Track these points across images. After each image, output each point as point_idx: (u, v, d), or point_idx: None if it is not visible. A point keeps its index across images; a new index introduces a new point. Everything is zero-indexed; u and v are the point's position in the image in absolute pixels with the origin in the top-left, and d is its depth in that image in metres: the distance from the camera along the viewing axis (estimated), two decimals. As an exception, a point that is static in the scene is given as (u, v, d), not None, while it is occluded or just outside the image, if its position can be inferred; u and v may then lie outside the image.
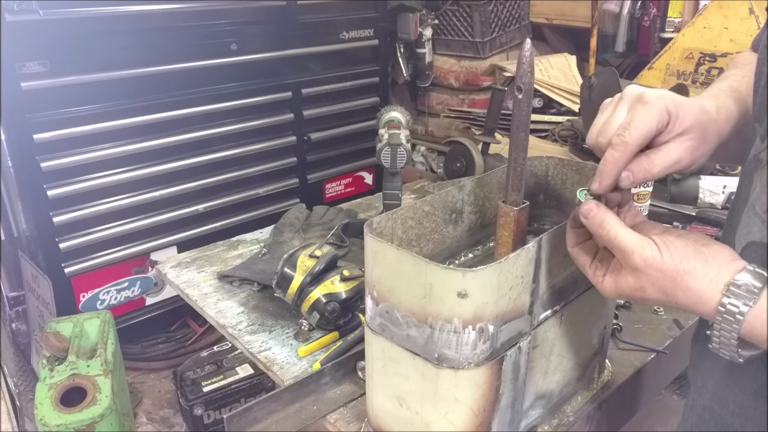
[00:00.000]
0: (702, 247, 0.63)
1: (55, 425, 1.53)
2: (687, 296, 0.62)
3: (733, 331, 0.58)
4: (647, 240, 0.64)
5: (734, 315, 0.58)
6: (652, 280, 0.63)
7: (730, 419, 0.67)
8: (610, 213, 0.67)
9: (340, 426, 0.93)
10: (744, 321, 0.57)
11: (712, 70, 2.36)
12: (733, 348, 0.59)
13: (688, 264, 0.62)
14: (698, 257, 0.62)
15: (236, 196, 2.51)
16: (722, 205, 1.57)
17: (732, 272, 0.60)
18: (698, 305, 0.61)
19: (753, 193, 0.64)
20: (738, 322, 0.58)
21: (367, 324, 0.79)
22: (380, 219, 0.78)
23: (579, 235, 0.73)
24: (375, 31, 2.84)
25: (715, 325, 0.60)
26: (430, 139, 3.44)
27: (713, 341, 0.61)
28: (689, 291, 0.61)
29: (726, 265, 0.61)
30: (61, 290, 2.11)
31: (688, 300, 0.62)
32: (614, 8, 2.92)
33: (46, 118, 1.97)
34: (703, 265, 0.61)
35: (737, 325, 0.58)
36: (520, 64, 0.73)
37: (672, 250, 0.63)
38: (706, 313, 0.61)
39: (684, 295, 0.62)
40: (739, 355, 0.60)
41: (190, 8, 2.23)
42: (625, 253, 0.65)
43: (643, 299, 0.66)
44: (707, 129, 0.68)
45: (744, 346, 0.59)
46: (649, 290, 0.64)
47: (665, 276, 0.62)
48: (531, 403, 0.85)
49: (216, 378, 2.12)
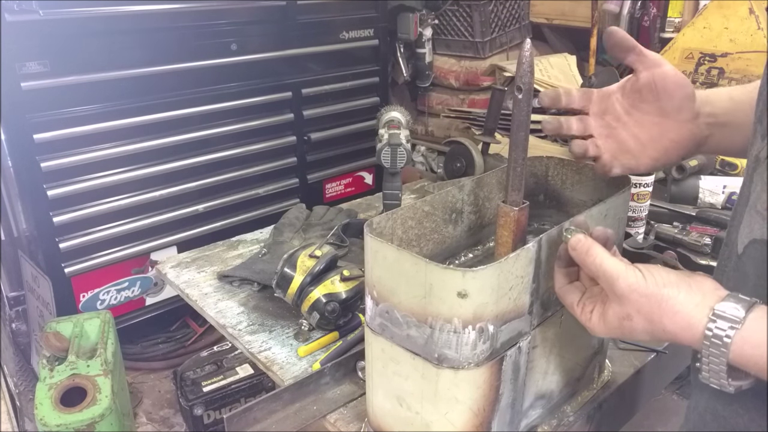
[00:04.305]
0: (686, 277, 0.64)
1: (55, 425, 1.53)
2: (673, 322, 0.62)
3: (722, 355, 0.58)
4: (632, 267, 0.66)
5: (722, 339, 0.58)
6: (637, 306, 0.64)
7: (733, 419, 0.66)
8: (596, 243, 0.69)
9: (340, 426, 0.93)
10: (732, 344, 0.57)
11: (712, 70, 2.35)
12: (723, 375, 0.59)
13: (672, 290, 0.63)
14: (681, 284, 0.63)
15: (236, 196, 2.51)
16: (722, 205, 1.57)
17: (716, 299, 0.60)
18: (685, 331, 0.61)
19: (754, 191, 0.64)
20: (726, 345, 0.57)
21: (367, 324, 0.79)
22: (380, 219, 0.78)
23: (566, 275, 0.75)
24: (375, 31, 2.84)
25: (704, 351, 0.60)
26: (430, 139, 3.44)
27: (702, 371, 0.61)
28: (676, 316, 0.62)
29: (710, 293, 0.61)
30: (61, 290, 2.11)
31: (675, 327, 0.62)
32: (614, 8, 2.92)
33: (46, 118, 1.96)
34: (687, 291, 0.62)
35: (725, 348, 0.58)
36: (520, 64, 0.73)
37: (656, 276, 0.64)
38: (693, 339, 0.61)
39: (670, 322, 0.62)
40: (729, 384, 0.59)
41: (190, 8, 2.23)
42: (610, 279, 0.66)
43: (632, 330, 0.66)
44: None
45: (733, 374, 0.59)
46: (635, 318, 0.65)
47: (650, 301, 0.63)
48: (531, 403, 0.85)
49: (216, 378, 2.12)
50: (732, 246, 0.68)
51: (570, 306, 0.74)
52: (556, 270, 0.76)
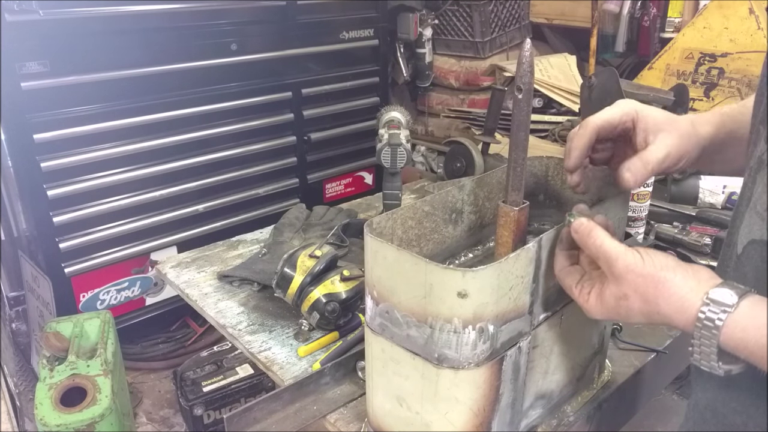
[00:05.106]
0: (684, 264, 0.66)
1: (55, 425, 1.53)
2: (668, 304, 0.64)
3: (713, 338, 0.59)
4: (631, 249, 0.68)
5: (713, 321, 0.59)
6: (634, 286, 0.66)
7: (732, 417, 0.67)
8: (598, 226, 0.71)
9: (340, 426, 0.93)
10: (723, 327, 0.59)
11: (712, 70, 2.36)
12: (714, 358, 0.60)
13: (669, 273, 0.64)
14: (678, 269, 0.65)
15: (236, 196, 2.51)
16: (722, 205, 1.57)
17: (711, 285, 0.62)
18: (679, 314, 0.63)
19: (755, 193, 0.64)
20: (717, 328, 0.59)
21: (367, 324, 0.79)
22: (380, 219, 0.78)
23: (567, 257, 0.77)
24: (375, 31, 2.84)
25: (695, 334, 0.61)
26: (430, 139, 3.44)
27: (694, 353, 0.62)
28: (671, 298, 0.63)
29: (705, 280, 0.63)
30: (61, 290, 2.11)
31: (669, 308, 0.64)
32: (614, 8, 2.92)
33: (46, 118, 1.97)
34: (684, 275, 0.64)
35: (716, 331, 0.59)
36: (520, 64, 0.73)
37: (654, 259, 0.66)
38: (686, 322, 0.62)
39: (665, 303, 0.64)
40: (719, 367, 0.61)
41: (190, 8, 2.23)
42: (610, 260, 0.68)
43: (628, 311, 0.68)
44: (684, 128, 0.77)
45: (724, 358, 0.60)
46: (631, 298, 0.67)
47: (647, 282, 0.65)
48: (531, 403, 0.85)
49: (216, 378, 2.12)
50: (732, 246, 0.68)
51: (569, 287, 0.75)
52: (557, 252, 0.77)
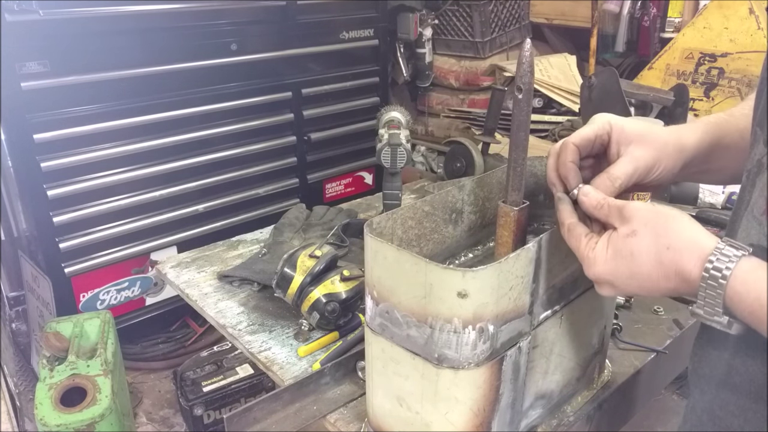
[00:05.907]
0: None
1: (55, 425, 1.53)
2: (680, 239, 0.62)
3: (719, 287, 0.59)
4: None
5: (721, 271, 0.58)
6: (644, 220, 0.65)
7: (729, 420, 0.67)
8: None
9: (340, 426, 0.93)
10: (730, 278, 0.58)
11: (712, 70, 2.36)
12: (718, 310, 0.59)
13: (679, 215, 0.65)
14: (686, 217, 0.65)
15: (236, 196, 2.51)
16: (722, 205, 1.57)
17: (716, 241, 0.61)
18: (689, 251, 0.61)
19: (753, 196, 0.64)
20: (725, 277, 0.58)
21: (367, 324, 0.79)
22: (380, 219, 0.78)
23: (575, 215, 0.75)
24: (375, 31, 2.84)
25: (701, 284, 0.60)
26: (430, 139, 3.44)
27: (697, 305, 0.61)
28: (683, 233, 0.63)
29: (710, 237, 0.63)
30: (61, 290, 2.11)
31: (680, 242, 0.62)
32: (614, 8, 2.92)
33: (46, 118, 1.97)
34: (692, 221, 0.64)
35: (724, 280, 0.58)
36: (520, 64, 0.73)
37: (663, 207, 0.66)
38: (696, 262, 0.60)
39: (677, 237, 0.63)
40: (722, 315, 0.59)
41: (190, 8, 2.23)
42: (620, 205, 0.68)
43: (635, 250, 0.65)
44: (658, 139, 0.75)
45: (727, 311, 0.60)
46: (640, 232, 0.65)
47: (658, 216, 0.65)
48: (531, 403, 0.85)
49: (216, 378, 2.12)
50: None
51: (577, 238, 0.71)
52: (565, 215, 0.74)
